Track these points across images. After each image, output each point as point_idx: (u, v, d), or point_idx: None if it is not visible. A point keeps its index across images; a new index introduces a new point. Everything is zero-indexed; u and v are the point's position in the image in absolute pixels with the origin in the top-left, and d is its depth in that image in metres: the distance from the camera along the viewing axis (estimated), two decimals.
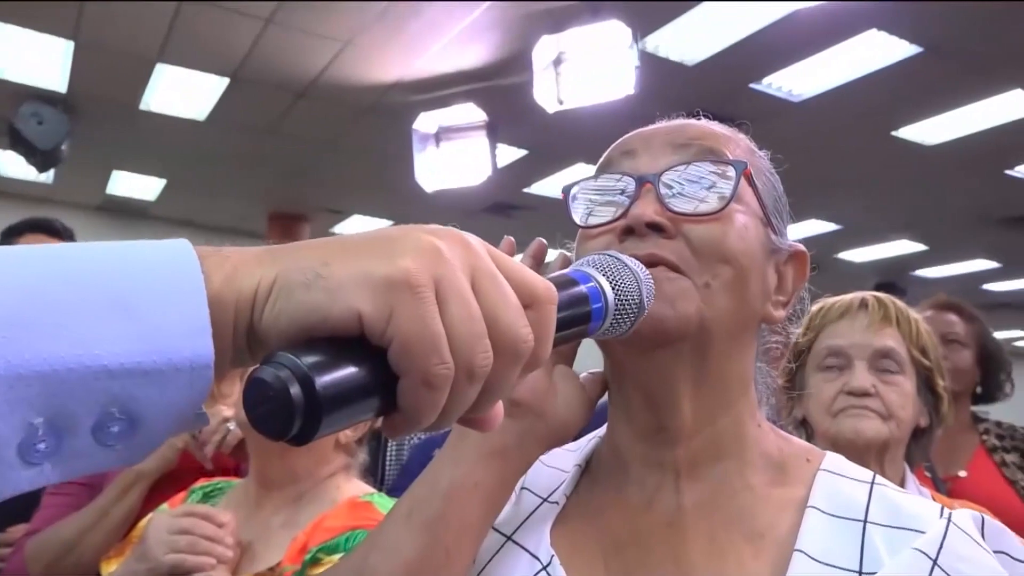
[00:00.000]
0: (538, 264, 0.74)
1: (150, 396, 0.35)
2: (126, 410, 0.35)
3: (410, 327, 0.36)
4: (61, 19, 4.63)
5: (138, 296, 0.35)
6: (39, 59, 5.13)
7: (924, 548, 0.59)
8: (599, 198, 0.73)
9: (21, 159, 5.83)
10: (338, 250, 0.39)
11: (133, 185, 7.84)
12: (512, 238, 0.72)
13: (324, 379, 0.34)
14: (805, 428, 1.43)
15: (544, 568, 0.67)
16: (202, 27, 4.70)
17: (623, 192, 0.70)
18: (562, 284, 0.51)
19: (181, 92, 5.61)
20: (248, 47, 4.92)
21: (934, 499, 1.37)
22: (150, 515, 1.27)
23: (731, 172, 0.69)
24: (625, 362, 0.70)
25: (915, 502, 0.65)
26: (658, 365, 0.67)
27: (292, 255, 0.39)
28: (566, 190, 0.76)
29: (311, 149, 6.58)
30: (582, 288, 0.53)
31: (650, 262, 0.65)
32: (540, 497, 0.74)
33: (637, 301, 0.57)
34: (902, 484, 1.37)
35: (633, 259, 0.59)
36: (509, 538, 0.71)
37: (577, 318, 0.51)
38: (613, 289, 0.55)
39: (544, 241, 0.73)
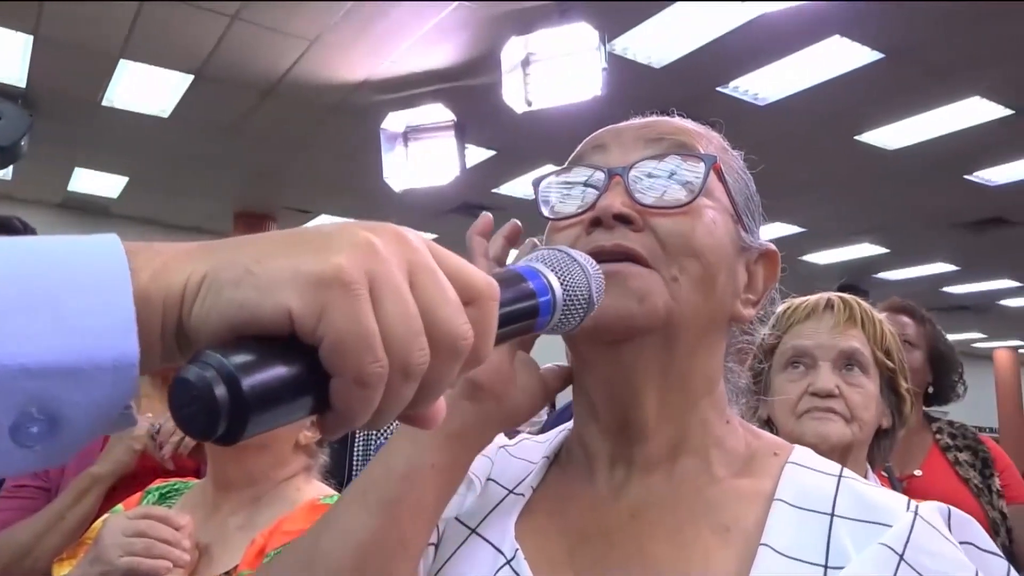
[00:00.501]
0: (510, 245, 0.73)
1: (72, 396, 0.33)
2: (46, 410, 0.33)
3: (342, 325, 0.35)
4: (21, 13, 4.54)
5: (60, 292, 0.33)
6: None
7: (890, 543, 0.59)
8: (568, 191, 0.72)
9: None
10: (271, 246, 0.37)
11: (95, 182, 7.70)
12: (489, 214, 0.71)
13: (251, 380, 0.33)
14: (770, 428, 1.44)
15: (508, 562, 0.66)
16: (166, 23, 4.63)
17: (593, 185, 0.70)
18: (509, 279, 0.51)
19: (144, 88, 5.52)
20: (213, 44, 4.86)
21: None
22: (104, 516, 1.24)
23: (700, 166, 0.69)
24: (589, 357, 0.69)
25: (882, 494, 0.65)
26: (622, 360, 0.67)
27: (224, 251, 0.38)
28: (536, 182, 0.75)
29: (278, 148, 6.51)
30: (528, 284, 0.52)
31: (617, 254, 0.64)
32: (506, 489, 0.74)
33: (586, 296, 0.56)
34: None
35: (583, 254, 0.59)
36: (473, 531, 0.71)
37: (523, 313, 0.51)
38: (561, 284, 0.54)
39: (518, 223, 0.72)
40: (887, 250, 8.99)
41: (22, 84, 5.43)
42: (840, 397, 1.30)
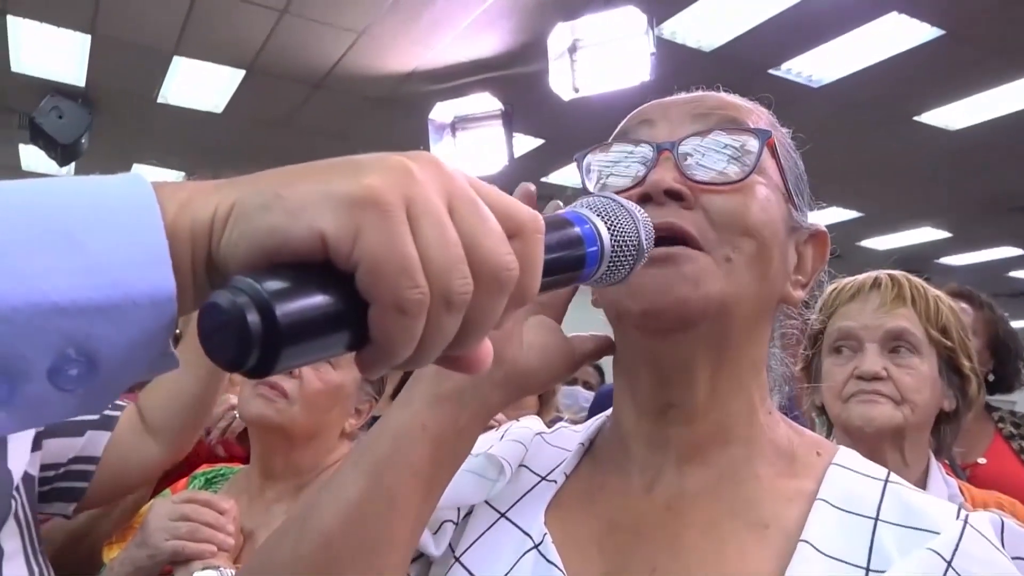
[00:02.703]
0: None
1: (108, 335, 0.32)
2: (84, 351, 0.32)
3: (378, 248, 0.33)
4: (78, 13, 4.66)
5: (89, 228, 0.32)
6: (58, 54, 5.16)
7: (939, 549, 0.57)
8: (615, 165, 0.70)
9: (42, 153, 5.89)
10: (301, 172, 0.36)
11: (153, 178, 7.78)
12: (531, 185, 0.66)
13: (286, 307, 0.31)
14: (824, 414, 1.40)
15: (536, 546, 0.65)
16: (217, 19, 4.71)
17: (640, 160, 0.68)
18: (554, 223, 0.47)
19: (198, 85, 5.63)
20: (263, 39, 4.92)
21: (961, 490, 1.33)
22: (152, 501, 1.27)
23: (753, 142, 0.66)
24: (641, 344, 0.67)
25: (930, 502, 0.63)
26: (677, 350, 0.65)
27: (252, 180, 0.37)
28: (579, 157, 0.73)
29: (328, 140, 6.58)
30: (575, 228, 0.48)
31: (668, 233, 0.62)
32: (538, 475, 0.72)
33: (635, 244, 0.52)
34: (926, 472, 1.31)
35: (630, 201, 0.55)
36: (503, 515, 0.69)
37: (570, 260, 0.47)
38: (609, 230, 0.50)
39: (531, 186, 0.67)
40: (949, 234, 8.71)
41: (81, 83, 5.58)
42: (888, 380, 1.25)
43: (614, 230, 0.51)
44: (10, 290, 0.30)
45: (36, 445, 1.16)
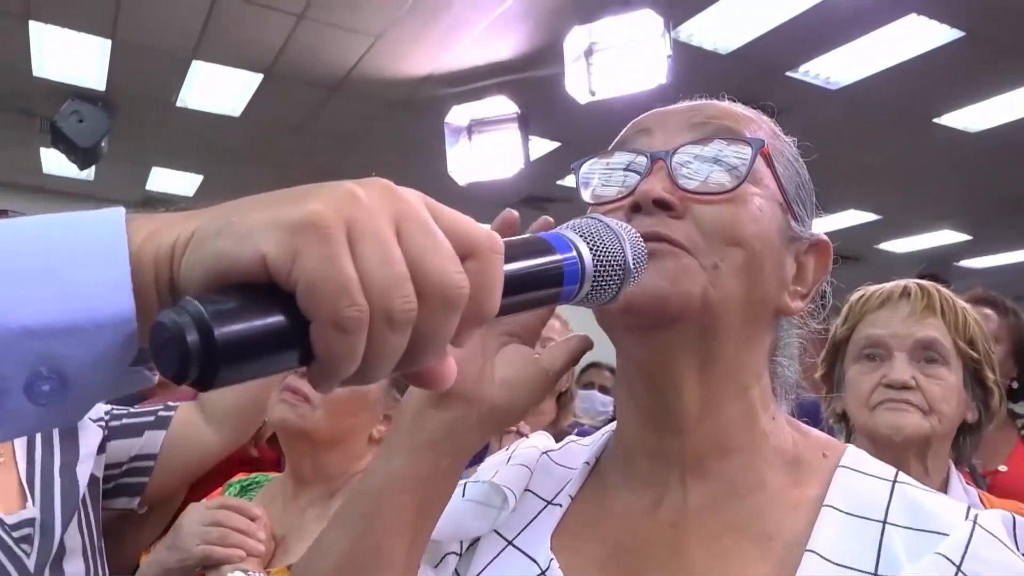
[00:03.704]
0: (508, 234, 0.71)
1: (76, 353, 0.35)
2: (55, 369, 0.35)
3: (315, 268, 0.35)
4: (99, 19, 4.70)
5: (62, 259, 0.36)
6: (79, 58, 5.21)
7: (947, 553, 0.56)
8: (610, 175, 0.70)
9: (63, 157, 5.95)
10: (256, 202, 0.38)
11: (172, 181, 7.95)
12: (514, 212, 0.67)
13: (225, 326, 0.33)
14: (846, 421, 1.39)
15: (543, 573, 0.65)
16: (236, 24, 4.74)
17: (635, 169, 0.68)
18: (528, 243, 0.48)
19: (216, 89, 5.66)
20: (281, 43, 4.95)
21: (981, 499, 1.32)
22: (188, 507, 1.29)
23: (747, 151, 0.65)
24: (625, 344, 0.67)
25: (939, 502, 0.62)
26: (659, 347, 0.64)
27: (214, 210, 0.39)
28: (576, 166, 0.73)
29: (344, 144, 6.61)
30: (551, 246, 0.48)
31: (654, 240, 0.62)
32: (544, 500, 0.72)
33: (621, 263, 0.52)
34: (947, 482, 1.31)
35: (620, 222, 0.56)
36: (510, 543, 0.69)
37: (543, 279, 0.47)
38: (591, 250, 0.50)
39: (514, 212, 0.67)
40: (970, 237, 8.63)
41: (102, 88, 5.63)
42: (917, 389, 1.24)
43: (597, 250, 0.51)
44: None
45: (100, 449, 1.30)
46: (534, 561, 0.66)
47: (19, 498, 1.18)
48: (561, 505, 0.71)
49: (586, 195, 0.71)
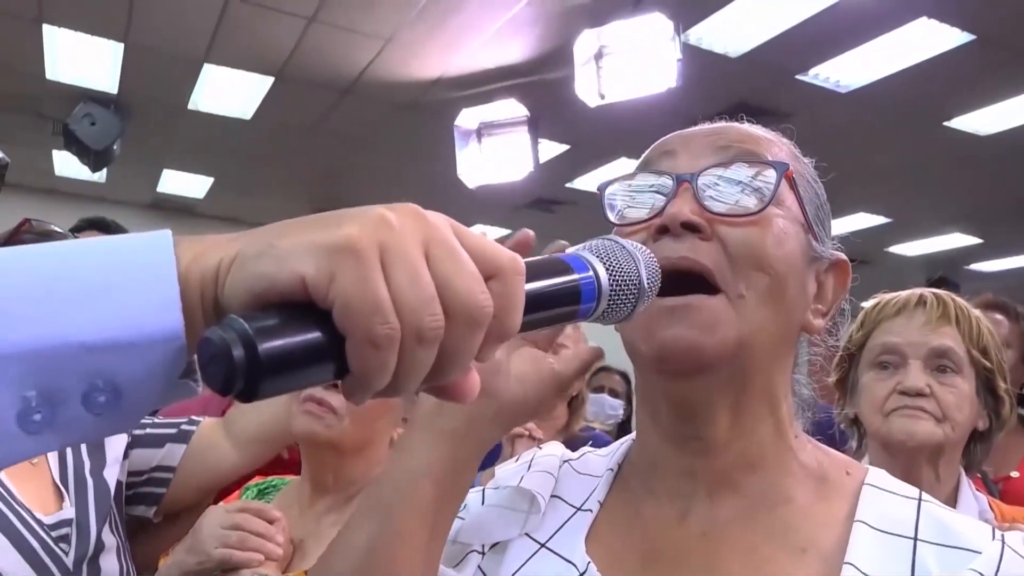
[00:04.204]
0: (523, 252, 0.73)
1: (129, 368, 0.38)
2: (110, 382, 0.38)
3: (350, 287, 0.37)
4: (112, 22, 4.74)
5: (115, 281, 0.39)
6: (92, 61, 5.25)
7: (981, 569, 0.58)
8: (635, 196, 0.71)
9: (75, 159, 5.99)
10: (295, 225, 0.41)
11: (182, 183, 8.00)
12: (530, 232, 0.69)
13: (268, 342, 0.36)
14: (857, 427, 1.40)
15: (581, 575, 0.66)
16: (247, 27, 4.77)
17: (660, 191, 0.69)
18: (547, 264, 0.50)
19: (227, 92, 5.70)
20: (292, 46, 4.97)
21: (990, 505, 1.33)
22: (208, 509, 1.30)
23: (771, 174, 0.67)
24: (660, 385, 0.69)
25: (965, 522, 0.64)
26: (695, 389, 0.66)
27: (254, 233, 0.42)
28: (602, 188, 0.75)
29: (354, 147, 6.63)
30: (568, 266, 0.51)
31: (685, 269, 0.64)
32: (573, 506, 0.74)
33: (636, 283, 0.54)
34: (956, 488, 1.33)
35: (634, 242, 0.57)
36: (543, 545, 0.71)
37: (561, 295, 0.50)
38: (607, 270, 0.53)
39: (530, 232, 0.70)
40: (979, 240, 8.60)
41: (114, 91, 5.67)
42: (931, 396, 1.25)
43: (613, 270, 0.53)
44: (50, 334, 0.37)
45: (125, 455, 1.35)
46: (571, 563, 0.68)
47: (55, 499, 1.24)
48: (591, 511, 0.72)
49: (612, 216, 0.73)
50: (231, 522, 1.20)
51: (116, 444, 1.34)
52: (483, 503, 0.75)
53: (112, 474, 1.31)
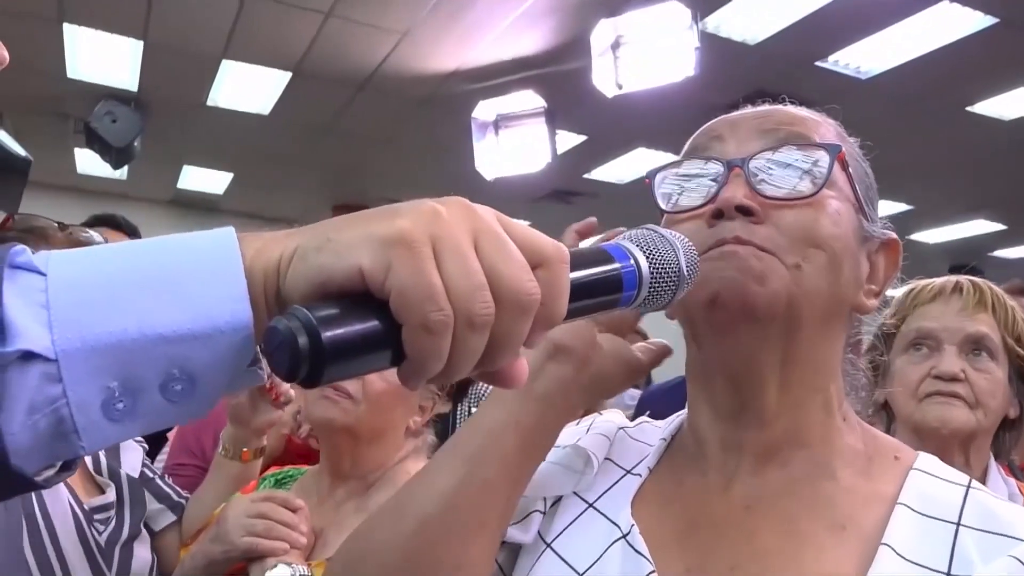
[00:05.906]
0: (582, 239, 0.76)
1: (202, 357, 0.41)
2: (185, 371, 0.41)
3: (406, 277, 0.39)
4: (131, 20, 4.77)
5: (187, 276, 0.42)
6: (112, 60, 5.29)
7: (1021, 556, 0.57)
8: (685, 183, 0.72)
9: (97, 156, 6.04)
10: (351, 220, 0.43)
11: (202, 180, 8.05)
12: (593, 219, 0.74)
13: (330, 330, 0.38)
14: (887, 412, 1.39)
15: (624, 536, 0.68)
16: (264, 23, 4.79)
17: (711, 177, 0.70)
18: (591, 253, 0.52)
19: (246, 88, 5.73)
20: (309, 41, 4.99)
21: (1020, 490, 1.33)
22: (232, 498, 1.31)
23: (823, 156, 0.68)
24: (709, 341, 0.69)
25: (1012, 510, 0.63)
26: (744, 345, 0.66)
27: (312, 228, 0.44)
28: (651, 174, 0.75)
29: (372, 140, 6.65)
30: (609, 256, 0.53)
31: (736, 243, 0.64)
32: (623, 469, 0.75)
33: (676, 270, 0.56)
34: (985, 474, 1.33)
35: (674, 232, 0.58)
36: (591, 505, 0.73)
37: (604, 284, 0.51)
38: (648, 258, 0.54)
39: (594, 219, 0.75)
40: (1004, 226, 8.49)
41: (134, 88, 5.71)
42: (965, 382, 1.25)
43: (653, 259, 0.55)
44: (130, 327, 0.40)
45: (139, 474, 1.43)
46: (615, 524, 0.69)
47: (95, 487, 1.32)
48: (640, 475, 0.74)
49: (664, 204, 0.74)
50: (257, 511, 1.21)
51: (131, 454, 1.42)
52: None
53: (135, 474, 1.40)
